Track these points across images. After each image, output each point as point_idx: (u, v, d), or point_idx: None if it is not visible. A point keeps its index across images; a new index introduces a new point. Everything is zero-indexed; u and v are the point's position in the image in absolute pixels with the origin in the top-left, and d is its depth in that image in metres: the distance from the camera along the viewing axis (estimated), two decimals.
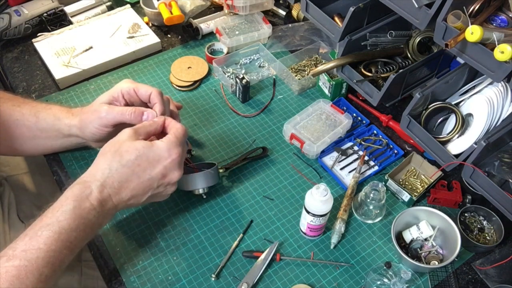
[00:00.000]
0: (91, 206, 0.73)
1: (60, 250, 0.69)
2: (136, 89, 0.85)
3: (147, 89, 0.84)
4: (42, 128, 0.89)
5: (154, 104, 0.84)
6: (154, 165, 0.76)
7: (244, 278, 0.83)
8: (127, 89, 0.85)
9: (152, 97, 0.84)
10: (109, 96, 0.86)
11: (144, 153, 0.75)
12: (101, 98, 0.86)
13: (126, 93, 0.85)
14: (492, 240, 0.90)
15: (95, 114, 0.84)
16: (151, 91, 0.84)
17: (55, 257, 0.68)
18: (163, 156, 0.76)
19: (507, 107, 0.86)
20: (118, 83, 0.87)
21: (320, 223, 0.85)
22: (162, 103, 0.84)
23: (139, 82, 0.87)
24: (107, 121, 0.83)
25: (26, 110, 0.89)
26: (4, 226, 0.96)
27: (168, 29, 1.31)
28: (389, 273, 0.84)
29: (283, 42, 1.26)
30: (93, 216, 0.73)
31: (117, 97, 0.86)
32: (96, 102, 0.87)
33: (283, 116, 1.11)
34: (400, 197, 0.96)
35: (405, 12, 0.83)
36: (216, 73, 1.20)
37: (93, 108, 0.85)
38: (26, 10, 1.22)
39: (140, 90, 0.85)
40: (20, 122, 0.88)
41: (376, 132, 1.08)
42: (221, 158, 1.02)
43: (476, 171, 0.83)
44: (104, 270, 0.85)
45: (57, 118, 0.88)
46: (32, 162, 1.15)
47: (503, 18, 0.78)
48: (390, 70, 1.01)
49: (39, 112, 0.89)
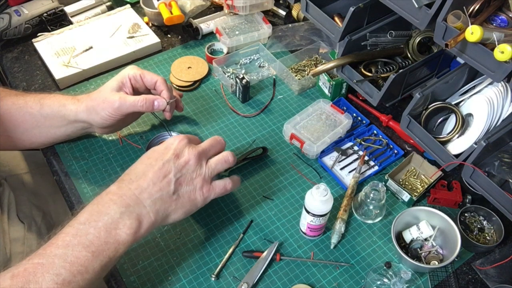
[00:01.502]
0: (110, 201, 0.72)
1: (77, 248, 0.67)
2: (142, 75, 0.90)
3: (153, 77, 0.91)
4: (46, 115, 0.89)
5: (161, 91, 0.92)
6: (164, 152, 0.78)
7: (244, 278, 0.83)
8: (134, 75, 0.90)
9: (158, 84, 0.91)
10: (118, 82, 0.89)
11: (153, 149, 0.80)
12: (110, 84, 0.89)
13: (132, 79, 0.90)
14: (492, 240, 0.90)
15: (108, 104, 0.87)
16: (156, 79, 0.91)
17: (73, 255, 0.66)
18: (169, 142, 0.80)
19: (507, 107, 0.86)
20: (124, 69, 0.91)
21: (320, 223, 0.85)
22: (168, 90, 0.92)
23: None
24: (121, 111, 0.88)
25: (29, 98, 0.90)
26: (3, 226, 0.96)
27: (168, 29, 1.31)
28: (389, 273, 0.84)
29: (283, 42, 1.26)
30: (113, 212, 0.70)
31: (125, 83, 0.90)
32: (105, 89, 0.89)
33: (283, 116, 1.11)
34: (400, 197, 0.96)
35: (405, 12, 0.83)
36: (216, 73, 1.20)
37: (103, 97, 0.88)
38: (26, 10, 1.22)
39: (146, 77, 0.90)
40: (23, 110, 0.89)
41: (376, 132, 1.08)
42: None
43: (476, 171, 0.83)
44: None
45: (62, 104, 0.89)
46: (32, 162, 1.15)
47: (503, 18, 0.78)
48: (390, 70, 1.01)
49: (43, 99, 0.90)
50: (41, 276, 0.63)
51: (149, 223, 0.74)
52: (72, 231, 0.69)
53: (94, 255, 0.68)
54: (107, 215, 0.70)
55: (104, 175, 0.98)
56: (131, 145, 1.03)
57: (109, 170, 0.99)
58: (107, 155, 1.01)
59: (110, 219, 0.70)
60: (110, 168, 0.99)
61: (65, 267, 0.65)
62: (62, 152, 1.01)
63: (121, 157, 1.01)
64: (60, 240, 0.67)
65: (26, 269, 0.64)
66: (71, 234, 0.68)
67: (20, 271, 0.64)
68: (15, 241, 0.96)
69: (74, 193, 0.95)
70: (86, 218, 0.70)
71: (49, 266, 0.64)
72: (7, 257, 0.93)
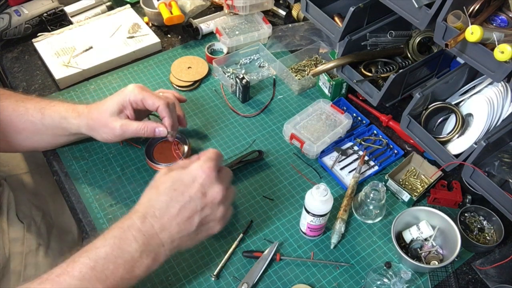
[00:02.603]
0: (132, 238, 0.69)
1: (93, 282, 0.65)
2: (143, 100, 0.87)
3: (154, 102, 0.87)
4: (48, 125, 0.90)
5: (163, 118, 0.90)
6: (191, 186, 0.74)
7: (244, 278, 0.83)
8: (135, 100, 0.87)
9: (159, 110, 0.88)
10: (119, 105, 0.87)
11: (179, 178, 0.74)
12: (111, 107, 0.87)
13: (133, 103, 0.87)
14: (492, 240, 0.90)
15: (109, 129, 0.88)
16: (158, 105, 0.87)
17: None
18: (197, 174, 0.74)
19: (507, 107, 0.86)
20: (126, 89, 0.88)
21: (320, 223, 0.85)
22: (170, 116, 0.90)
23: (141, 83, 0.89)
24: (122, 137, 0.90)
25: (30, 105, 0.89)
26: (3, 226, 0.96)
27: (168, 29, 1.31)
28: (389, 273, 0.84)
29: (283, 42, 1.26)
30: (134, 250, 0.69)
31: (126, 106, 0.88)
32: (106, 112, 0.87)
33: (283, 116, 1.11)
34: (400, 197, 0.96)
35: (405, 12, 0.83)
36: (216, 73, 1.20)
37: (104, 121, 0.87)
38: (26, 10, 1.22)
39: (147, 102, 0.87)
40: (24, 117, 0.88)
41: (376, 132, 1.08)
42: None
43: (476, 171, 0.83)
44: None
45: (63, 117, 0.89)
46: (32, 162, 1.15)
47: (503, 18, 0.78)
48: (390, 70, 1.01)
49: (44, 109, 0.89)
50: None
51: (163, 260, 0.73)
52: (90, 263, 0.67)
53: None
54: (128, 253, 0.69)
55: (104, 175, 0.98)
56: (131, 145, 1.03)
57: (109, 170, 0.98)
58: (107, 155, 1.01)
59: (130, 257, 0.69)
60: (110, 168, 0.99)
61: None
62: (62, 152, 1.01)
63: (121, 157, 1.01)
64: (77, 271, 0.66)
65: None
66: (89, 267, 0.66)
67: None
68: (14, 241, 0.96)
69: (74, 193, 0.95)
70: (106, 253, 0.68)
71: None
72: (6, 257, 0.93)
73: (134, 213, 0.72)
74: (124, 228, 0.70)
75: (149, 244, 0.70)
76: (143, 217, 0.71)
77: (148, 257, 0.70)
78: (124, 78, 1.17)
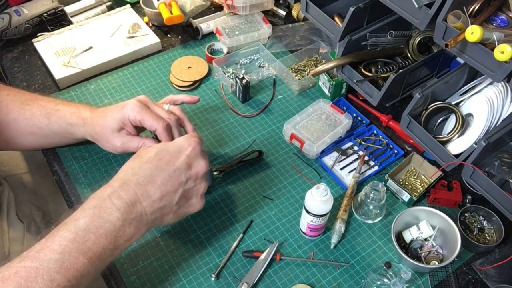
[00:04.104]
0: (113, 206, 0.68)
1: (75, 254, 0.64)
2: (142, 121, 0.85)
3: (152, 124, 0.85)
4: (55, 131, 0.90)
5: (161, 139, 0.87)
6: (176, 156, 0.75)
7: (244, 278, 0.83)
8: (134, 119, 0.86)
9: (157, 133, 0.86)
10: (119, 123, 0.87)
11: (163, 148, 0.76)
12: (111, 124, 0.87)
13: (133, 122, 0.87)
14: (492, 240, 0.90)
15: (111, 146, 0.88)
16: (155, 128, 0.85)
17: (69, 261, 0.63)
18: (183, 146, 0.76)
19: (507, 107, 0.86)
20: (126, 107, 0.86)
21: (320, 223, 0.85)
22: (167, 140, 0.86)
23: (141, 83, 0.88)
24: (123, 152, 0.90)
25: (36, 109, 0.89)
26: (3, 225, 0.96)
27: (168, 29, 1.31)
28: (389, 273, 0.84)
29: (283, 42, 1.26)
30: (116, 219, 0.68)
31: (126, 124, 0.87)
32: (107, 127, 0.87)
33: (283, 116, 1.11)
34: (400, 197, 0.96)
35: (405, 12, 0.83)
36: (216, 73, 1.20)
37: (106, 137, 0.87)
38: (26, 10, 1.22)
39: (145, 123, 0.85)
40: (31, 122, 0.89)
41: (376, 132, 1.08)
42: (221, 158, 1.02)
43: (476, 171, 0.83)
44: (104, 270, 0.85)
45: (69, 124, 0.89)
46: (32, 162, 1.15)
47: (503, 18, 0.78)
48: (390, 70, 1.01)
49: (49, 115, 0.89)
50: (34, 280, 0.60)
51: (145, 230, 0.73)
52: (70, 236, 0.65)
53: (91, 261, 0.66)
54: (109, 222, 0.68)
55: (104, 175, 0.98)
56: None
57: (109, 170, 0.98)
58: (107, 155, 1.01)
59: (112, 226, 0.68)
60: (110, 168, 0.99)
61: (61, 273, 0.62)
62: (62, 152, 1.01)
63: (121, 157, 1.01)
64: (57, 244, 0.64)
65: (17, 272, 0.61)
66: (68, 239, 0.65)
67: (11, 274, 0.61)
68: (14, 241, 0.96)
69: (74, 193, 0.95)
70: (86, 224, 0.66)
71: (43, 270, 0.62)
72: (5, 256, 0.93)
73: (115, 181, 0.72)
74: (104, 197, 0.69)
75: (131, 212, 0.70)
76: (126, 184, 0.71)
77: (131, 226, 0.69)
78: (124, 78, 1.18)
